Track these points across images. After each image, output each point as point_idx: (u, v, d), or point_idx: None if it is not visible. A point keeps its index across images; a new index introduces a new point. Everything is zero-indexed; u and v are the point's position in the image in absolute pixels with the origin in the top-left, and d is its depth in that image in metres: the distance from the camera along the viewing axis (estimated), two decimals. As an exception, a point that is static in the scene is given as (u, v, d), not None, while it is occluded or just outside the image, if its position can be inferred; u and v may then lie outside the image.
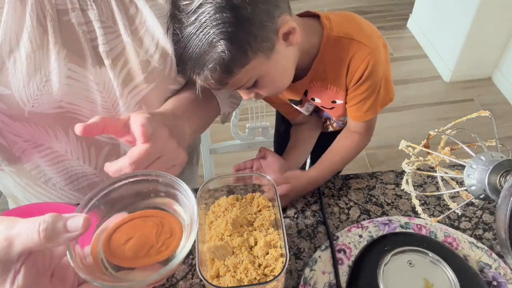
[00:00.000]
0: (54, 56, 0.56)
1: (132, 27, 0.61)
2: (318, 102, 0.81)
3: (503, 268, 0.60)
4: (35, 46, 0.55)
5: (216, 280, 0.52)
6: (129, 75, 0.62)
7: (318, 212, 0.70)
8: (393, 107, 2.20)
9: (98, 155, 0.69)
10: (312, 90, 0.78)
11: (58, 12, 0.56)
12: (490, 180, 0.41)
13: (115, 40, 0.60)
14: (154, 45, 0.62)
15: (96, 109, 0.62)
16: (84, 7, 0.58)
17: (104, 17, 0.59)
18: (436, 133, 0.51)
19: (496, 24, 2.08)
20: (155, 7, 0.62)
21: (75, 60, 0.58)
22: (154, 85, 0.64)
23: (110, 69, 0.60)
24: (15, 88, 0.56)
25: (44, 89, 0.57)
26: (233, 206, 0.59)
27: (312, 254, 0.63)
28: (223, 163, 1.71)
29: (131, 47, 0.61)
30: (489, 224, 0.67)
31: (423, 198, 0.72)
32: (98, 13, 0.58)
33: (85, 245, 0.39)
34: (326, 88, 0.76)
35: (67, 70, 0.58)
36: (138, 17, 0.61)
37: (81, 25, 0.58)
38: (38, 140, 0.64)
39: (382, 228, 0.65)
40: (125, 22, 0.60)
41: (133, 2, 0.61)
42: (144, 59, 0.62)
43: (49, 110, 0.59)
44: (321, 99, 0.79)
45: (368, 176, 0.76)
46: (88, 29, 0.59)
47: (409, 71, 2.42)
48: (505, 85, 2.22)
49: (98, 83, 0.60)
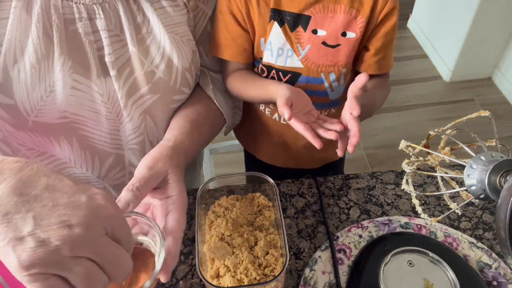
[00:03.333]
0: (59, 67, 0.56)
1: (139, 36, 0.61)
2: (323, 34, 0.64)
3: (503, 268, 0.60)
4: (40, 56, 0.55)
5: (216, 280, 0.52)
6: (133, 86, 0.62)
7: (318, 212, 0.70)
8: (393, 107, 2.20)
9: (102, 164, 0.68)
10: (317, 13, 0.63)
11: (65, 21, 0.56)
12: (490, 180, 0.41)
13: (121, 50, 0.60)
14: (160, 55, 0.62)
15: (100, 120, 0.62)
16: (92, 16, 0.57)
17: (112, 26, 0.59)
18: (436, 133, 0.51)
19: (496, 24, 2.08)
20: (162, 16, 0.61)
21: (80, 71, 0.58)
22: (158, 96, 0.64)
23: (115, 80, 0.60)
24: (19, 98, 0.56)
25: (48, 100, 0.57)
26: (233, 206, 0.60)
27: (312, 254, 0.63)
28: (223, 163, 1.71)
29: (137, 57, 0.61)
30: (489, 224, 0.67)
31: (423, 198, 0.72)
32: (105, 22, 0.58)
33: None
34: (338, 9, 0.62)
35: (72, 81, 0.57)
36: (145, 26, 0.61)
37: (88, 35, 0.57)
38: (41, 148, 0.64)
39: (382, 228, 0.65)
40: (132, 30, 0.60)
41: (141, 10, 0.61)
42: (149, 70, 0.62)
43: (53, 120, 0.59)
44: (327, 29, 0.64)
45: (368, 176, 0.76)
46: (95, 38, 0.58)
47: (409, 71, 2.42)
48: (505, 85, 2.22)
49: (102, 94, 0.60)
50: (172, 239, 0.47)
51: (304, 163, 0.89)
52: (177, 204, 0.51)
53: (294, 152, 0.84)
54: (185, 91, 0.68)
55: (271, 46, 0.68)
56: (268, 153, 0.89)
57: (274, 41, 0.67)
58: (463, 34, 2.14)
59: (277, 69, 0.70)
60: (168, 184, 0.52)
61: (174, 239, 0.47)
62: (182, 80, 0.66)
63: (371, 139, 2.03)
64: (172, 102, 0.67)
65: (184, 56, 0.64)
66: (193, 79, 0.69)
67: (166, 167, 0.53)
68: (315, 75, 0.70)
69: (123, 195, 0.46)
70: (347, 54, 0.67)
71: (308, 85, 0.71)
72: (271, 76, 0.72)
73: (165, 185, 0.52)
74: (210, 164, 1.32)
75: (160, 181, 0.52)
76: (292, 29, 0.66)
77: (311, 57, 0.68)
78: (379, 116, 2.16)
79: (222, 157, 1.54)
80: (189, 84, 0.68)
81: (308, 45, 0.66)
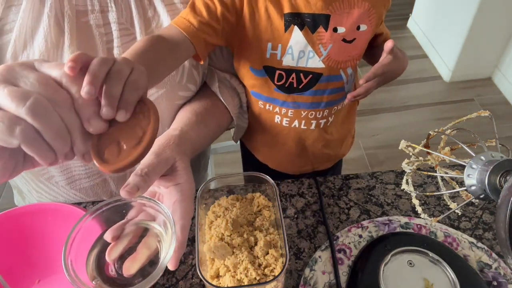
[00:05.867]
0: (67, 57, 0.56)
1: (148, 30, 0.61)
2: (342, 32, 0.65)
3: (503, 268, 0.60)
4: (49, 45, 0.55)
5: (216, 280, 0.52)
6: None
7: (318, 212, 0.70)
8: (393, 107, 2.20)
9: None
10: (336, 11, 0.64)
11: (77, 13, 0.57)
12: (490, 180, 0.41)
13: (130, 43, 0.61)
14: None
15: None
16: (105, 8, 0.58)
17: (123, 19, 0.59)
18: (436, 133, 0.51)
19: (496, 24, 2.08)
20: (172, 12, 0.62)
21: None
22: (164, 91, 0.64)
23: None
24: None
25: None
26: (233, 206, 0.59)
27: (312, 254, 0.63)
28: (223, 163, 1.71)
29: None
30: (489, 224, 0.67)
31: (423, 198, 0.72)
32: (117, 15, 0.58)
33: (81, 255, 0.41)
34: (353, 3, 0.64)
35: None
36: (155, 20, 0.61)
37: (99, 27, 0.58)
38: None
39: (382, 228, 0.65)
40: (141, 24, 0.60)
41: (152, 4, 0.61)
42: None
43: None
44: (346, 25, 0.65)
45: (368, 176, 0.76)
46: (105, 31, 0.59)
47: (409, 71, 2.40)
48: (505, 85, 2.23)
49: None
50: (180, 226, 0.47)
51: (318, 164, 0.89)
52: (185, 191, 0.50)
53: (310, 154, 0.84)
54: (191, 88, 0.68)
55: (291, 50, 0.67)
56: (281, 160, 0.88)
57: (295, 46, 0.66)
58: (463, 34, 2.14)
59: (298, 70, 0.69)
60: (176, 172, 0.52)
61: (182, 226, 0.47)
62: (189, 77, 0.66)
63: (371, 139, 2.03)
64: (177, 98, 0.67)
65: None
66: (199, 77, 0.69)
67: (174, 154, 0.53)
68: (335, 73, 0.70)
69: (131, 179, 0.45)
70: (362, 47, 0.69)
71: (328, 84, 0.71)
72: (290, 80, 0.70)
73: (172, 172, 0.52)
74: (210, 164, 1.32)
75: (168, 168, 0.51)
76: (313, 31, 0.65)
77: (332, 56, 0.68)
78: (379, 116, 2.16)
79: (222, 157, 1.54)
80: (195, 81, 0.68)
81: (330, 44, 0.66)
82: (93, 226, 0.44)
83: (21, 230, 0.61)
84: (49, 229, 0.61)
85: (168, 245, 0.43)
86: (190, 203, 0.50)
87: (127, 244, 0.44)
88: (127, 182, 0.45)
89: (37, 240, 0.62)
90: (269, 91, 0.73)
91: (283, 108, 0.75)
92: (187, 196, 0.50)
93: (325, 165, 0.92)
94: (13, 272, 0.59)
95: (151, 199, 0.46)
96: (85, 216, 0.43)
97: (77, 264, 0.41)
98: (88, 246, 0.43)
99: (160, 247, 0.45)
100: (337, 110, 0.77)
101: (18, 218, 0.61)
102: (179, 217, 0.48)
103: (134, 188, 0.44)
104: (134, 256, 0.43)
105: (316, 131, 0.78)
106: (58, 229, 0.60)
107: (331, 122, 0.79)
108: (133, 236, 0.45)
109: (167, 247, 0.43)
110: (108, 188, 0.74)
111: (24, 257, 0.61)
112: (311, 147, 0.82)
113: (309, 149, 0.83)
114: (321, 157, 0.86)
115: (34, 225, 0.61)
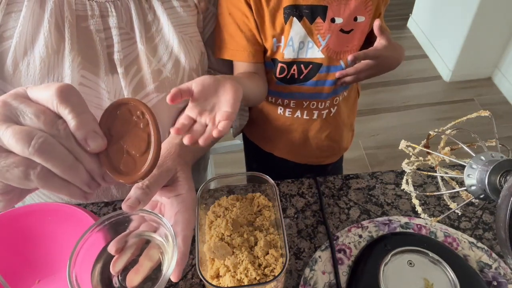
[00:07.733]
0: (68, 63, 0.56)
1: (148, 34, 0.61)
2: (340, 22, 0.68)
3: (503, 268, 0.60)
4: (50, 51, 0.55)
5: (216, 280, 0.52)
6: (140, 84, 0.62)
7: (318, 212, 0.70)
8: (393, 107, 2.20)
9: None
10: (333, 2, 0.66)
11: (77, 18, 0.57)
12: (490, 180, 0.41)
13: (130, 47, 0.60)
14: (168, 54, 0.62)
15: None
16: (105, 13, 0.58)
17: (123, 23, 0.59)
18: (436, 133, 0.51)
19: (496, 24, 2.08)
20: (172, 16, 0.62)
21: (88, 68, 0.58)
22: (164, 95, 0.64)
23: (122, 78, 0.60)
24: None
25: None
26: (233, 206, 0.59)
27: (312, 254, 0.63)
28: (223, 163, 1.71)
29: (144, 55, 0.61)
30: (489, 224, 0.67)
31: (423, 198, 0.72)
32: (117, 20, 0.58)
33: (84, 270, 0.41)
34: None
35: (80, 77, 0.58)
36: (154, 25, 0.62)
37: (99, 32, 0.58)
38: None
39: (382, 228, 0.65)
40: (141, 28, 0.60)
41: (152, 9, 0.61)
42: (156, 68, 0.62)
43: None
44: (343, 16, 0.67)
45: (368, 176, 0.76)
46: (105, 36, 0.59)
47: (409, 71, 2.42)
48: (505, 85, 2.23)
49: (109, 91, 0.60)
50: (182, 238, 0.47)
51: (323, 158, 0.92)
52: (186, 202, 0.50)
53: (313, 145, 0.87)
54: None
55: (292, 42, 0.69)
56: (286, 150, 0.90)
57: (295, 37, 0.68)
58: (463, 34, 2.14)
59: (299, 62, 0.71)
60: (177, 182, 0.52)
61: (184, 238, 0.47)
62: (189, 81, 0.66)
63: (371, 139, 2.03)
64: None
65: (191, 57, 0.65)
66: None
67: (175, 165, 0.53)
68: (334, 63, 0.72)
69: (132, 193, 0.45)
70: (359, 38, 0.71)
71: (329, 74, 0.73)
72: (292, 72, 0.73)
73: (173, 183, 0.52)
74: (210, 164, 1.32)
75: (169, 179, 0.52)
76: (311, 22, 0.67)
77: (331, 46, 0.70)
78: (379, 116, 2.16)
79: (222, 157, 1.54)
80: None
81: (328, 34, 0.68)
82: (96, 239, 0.44)
83: (21, 230, 0.61)
84: (49, 229, 0.61)
85: (170, 257, 0.43)
86: (192, 213, 0.50)
87: (130, 256, 0.45)
88: (128, 195, 0.45)
89: (37, 240, 0.61)
90: (271, 83, 0.76)
91: (286, 99, 0.77)
92: (188, 207, 0.50)
93: (329, 159, 0.94)
94: (13, 272, 0.59)
95: (152, 212, 0.46)
96: (89, 231, 0.43)
97: (81, 278, 0.41)
98: (92, 259, 0.43)
99: (162, 259, 0.45)
100: (339, 101, 0.80)
101: (18, 218, 0.61)
102: (181, 228, 0.48)
103: (135, 202, 0.45)
104: (137, 268, 0.43)
105: (318, 121, 0.81)
106: (58, 229, 0.60)
107: (334, 113, 0.81)
108: (135, 248, 0.45)
109: (169, 258, 0.43)
110: (109, 192, 0.74)
111: (24, 257, 0.61)
112: (314, 138, 0.85)
113: (312, 140, 0.85)
114: (324, 149, 0.89)
115: (34, 225, 0.61)
